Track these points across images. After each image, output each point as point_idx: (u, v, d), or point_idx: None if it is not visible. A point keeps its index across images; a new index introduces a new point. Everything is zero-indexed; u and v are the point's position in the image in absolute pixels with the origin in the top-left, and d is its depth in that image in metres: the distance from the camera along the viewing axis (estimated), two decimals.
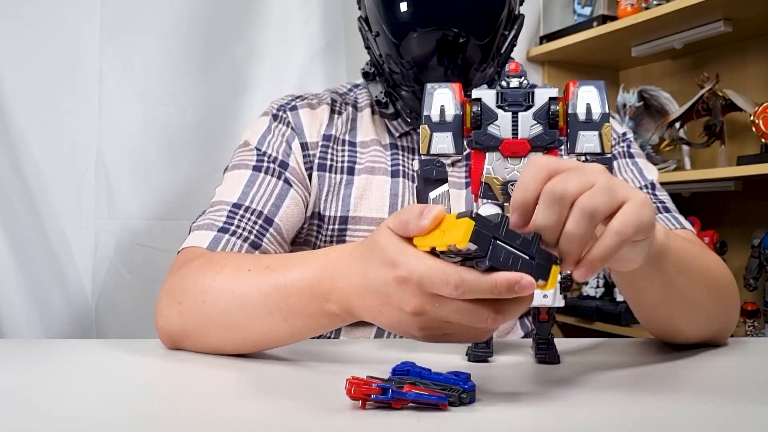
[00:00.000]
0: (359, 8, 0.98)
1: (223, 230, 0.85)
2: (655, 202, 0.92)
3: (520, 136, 0.70)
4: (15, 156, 1.35)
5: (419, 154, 0.71)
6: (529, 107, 0.70)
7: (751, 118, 1.62)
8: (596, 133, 0.69)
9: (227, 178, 0.93)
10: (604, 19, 1.89)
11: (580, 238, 0.52)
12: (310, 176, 0.94)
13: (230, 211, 0.87)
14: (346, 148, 0.96)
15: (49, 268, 1.37)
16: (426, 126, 0.70)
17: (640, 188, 0.93)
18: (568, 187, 0.52)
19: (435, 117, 0.70)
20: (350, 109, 1.00)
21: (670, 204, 0.93)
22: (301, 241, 0.95)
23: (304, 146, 0.94)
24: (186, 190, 1.46)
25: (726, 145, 1.78)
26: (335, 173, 0.95)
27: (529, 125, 0.70)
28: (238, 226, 0.86)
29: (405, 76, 0.91)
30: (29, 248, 1.36)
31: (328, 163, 0.95)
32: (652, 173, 0.96)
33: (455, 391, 0.52)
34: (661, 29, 1.83)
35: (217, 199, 0.90)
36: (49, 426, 0.50)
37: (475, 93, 0.71)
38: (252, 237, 0.87)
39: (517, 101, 0.70)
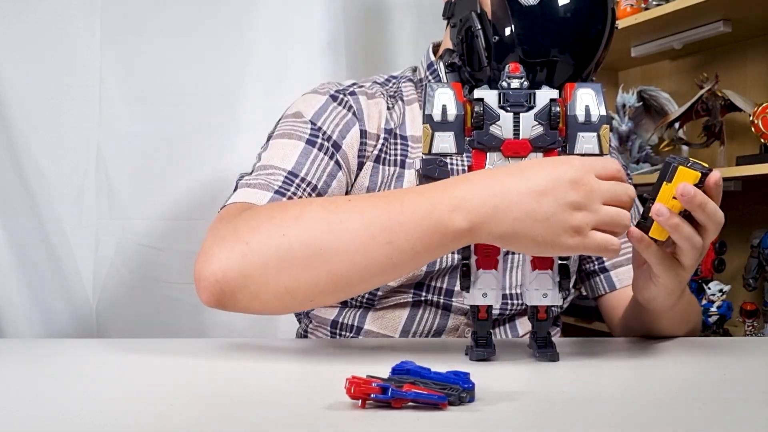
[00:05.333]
0: None
1: (280, 193, 0.82)
2: None
3: (521, 137, 0.70)
4: (15, 156, 1.35)
5: (422, 153, 0.71)
6: (530, 108, 0.70)
7: (751, 118, 1.62)
8: (595, 134, 0.70)
9: (277, 145, 0.89)
10: None
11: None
12: (362, 164, 0.93)
13: (287, 177, 0.84)
14: (399, 141, 0.95)
15: (49, 268, 1.38)
16: (428, 125, 0.70)
17: None
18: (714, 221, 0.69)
19: (437, 116, 0.70)
20: (399, 102, 0.98)
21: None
22: None
23: (363, 134, 0.92)
24: (186, 190, 1.46)
25: (725, 145, 1.78)
26: (389, 165, 0.94)
27: (530, 126, 0.70)
28: (294, 194, 0.83)
29: (493, 78, 0.87)
30: (30, 248, 1.36)
31: (384, 156, 0.94)
32: None
33: (455, 391, 0.52)
34: (661, 29, 1.83)
35: (269, 163, 0.86)
36: (49, 425, 0.50)
37: (477, 93, 0.71)
38: None
39: (518, 102, 0.71)
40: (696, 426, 0.51)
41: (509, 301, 0.95)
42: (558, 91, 0.72)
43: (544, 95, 0.71)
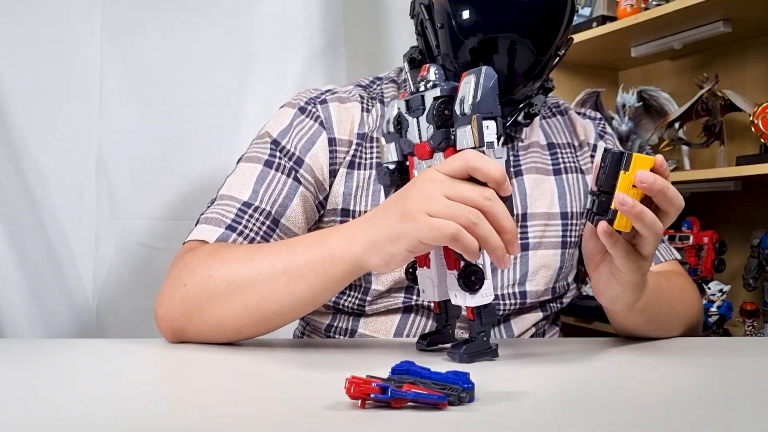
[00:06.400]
0: None
1: (230, 228, 0.86)
2: None
3: (423, 140, 0.73)
4: (15, 156, 1.35)
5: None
6: (424, 110, 0.72)
7: (751, 118, 1.62)
8: (468, 128, 0.67)
9: (240, 170, 0.92)
10: (603, 20, 1.89)
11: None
12: (334, 172, 0.93)
13: (239, 210, 0.88)
14: (374, 144, 0.95)
15: (49, 268, 1.38)
16: (382, 138, 0.78)
17: None
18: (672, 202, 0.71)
19: (385, 129, 0.77)
20: (378, 105, 0.97)
21: None
22: None
23: (331, 141, 0.93)
24: (186, 190, 1.46)
25: (725, 145, 1.78)
26: (365, 170, 0.94)
27: (425, 128, 0.72)
28: (245, 227, 0.87)
29: (456, 73, 0.88)
30: (30, 248, 1.36)
31: (358, 161, 0.94)
32: None
33: (455, 391, 0.53)
34: (661, 29, 1.83)
35: (227, 193, 0.90)
36: (49, 425, 0.50)
37: (396, 104, 0.76)
38: (258, 238, 0.87)
39: (416, 106, 0.73)
40: (696, 426, 0.51)
41: (501, 301, 0.94)
42: (442, 88, 0.71)
43: (430, 95, 0.71)
